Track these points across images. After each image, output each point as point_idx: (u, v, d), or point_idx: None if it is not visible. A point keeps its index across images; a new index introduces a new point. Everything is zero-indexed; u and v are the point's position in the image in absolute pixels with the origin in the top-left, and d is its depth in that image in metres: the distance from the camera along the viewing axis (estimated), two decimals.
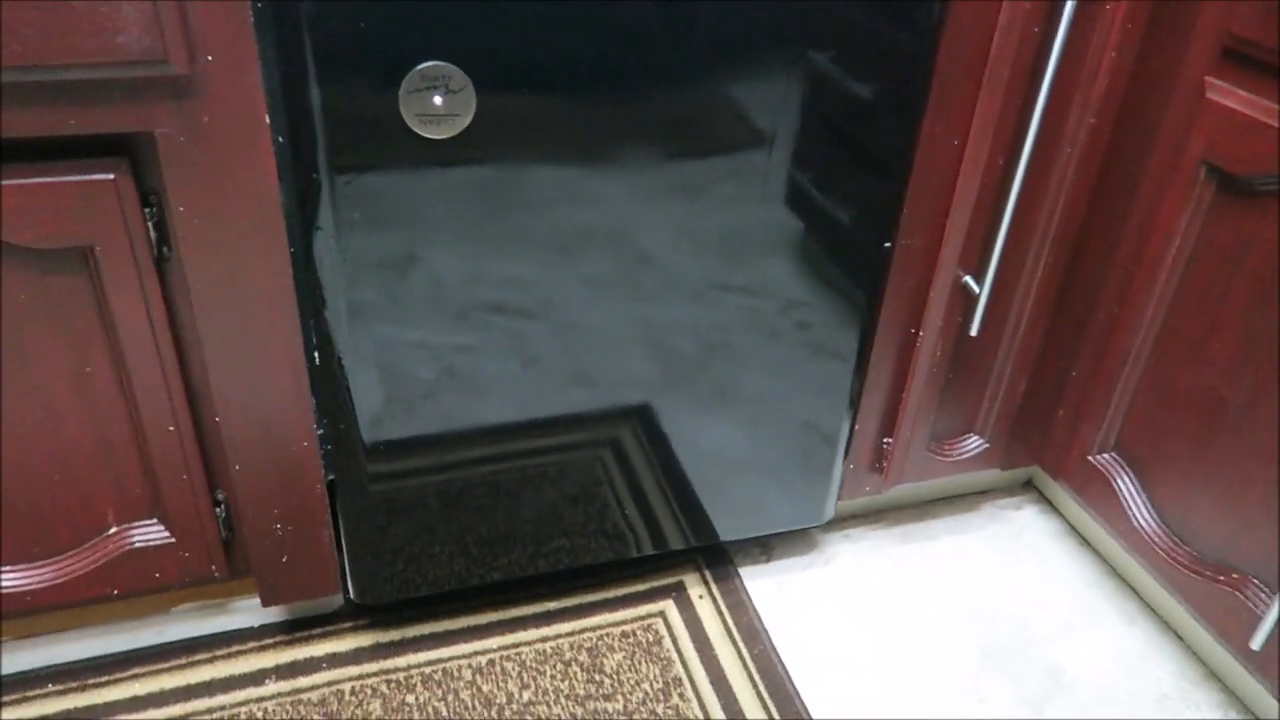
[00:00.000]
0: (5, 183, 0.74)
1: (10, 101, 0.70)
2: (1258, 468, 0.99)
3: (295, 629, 1.12)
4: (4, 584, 0.93)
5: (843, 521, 1.34)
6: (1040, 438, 1.25)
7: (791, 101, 0.88)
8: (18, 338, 0.83)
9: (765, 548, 1.29)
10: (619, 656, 1.12)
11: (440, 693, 1.06)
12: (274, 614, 1.13)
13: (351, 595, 1.07)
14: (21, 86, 0.70)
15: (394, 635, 1.12)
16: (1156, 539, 1.12)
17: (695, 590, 1.21)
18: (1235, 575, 1.03)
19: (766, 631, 1.17)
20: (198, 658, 1.08)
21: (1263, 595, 0.99)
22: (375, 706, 1.04)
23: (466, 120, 0.79)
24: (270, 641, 1.10)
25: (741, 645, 1.14)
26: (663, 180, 0.89)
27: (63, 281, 0.81)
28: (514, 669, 1.09)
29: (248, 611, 1.13)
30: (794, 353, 1.06)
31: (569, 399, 1.02)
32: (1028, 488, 1.42)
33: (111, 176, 0.77)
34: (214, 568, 1.01)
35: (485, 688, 1.07)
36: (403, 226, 0.84)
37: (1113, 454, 1.18)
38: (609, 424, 1.06)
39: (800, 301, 1.02)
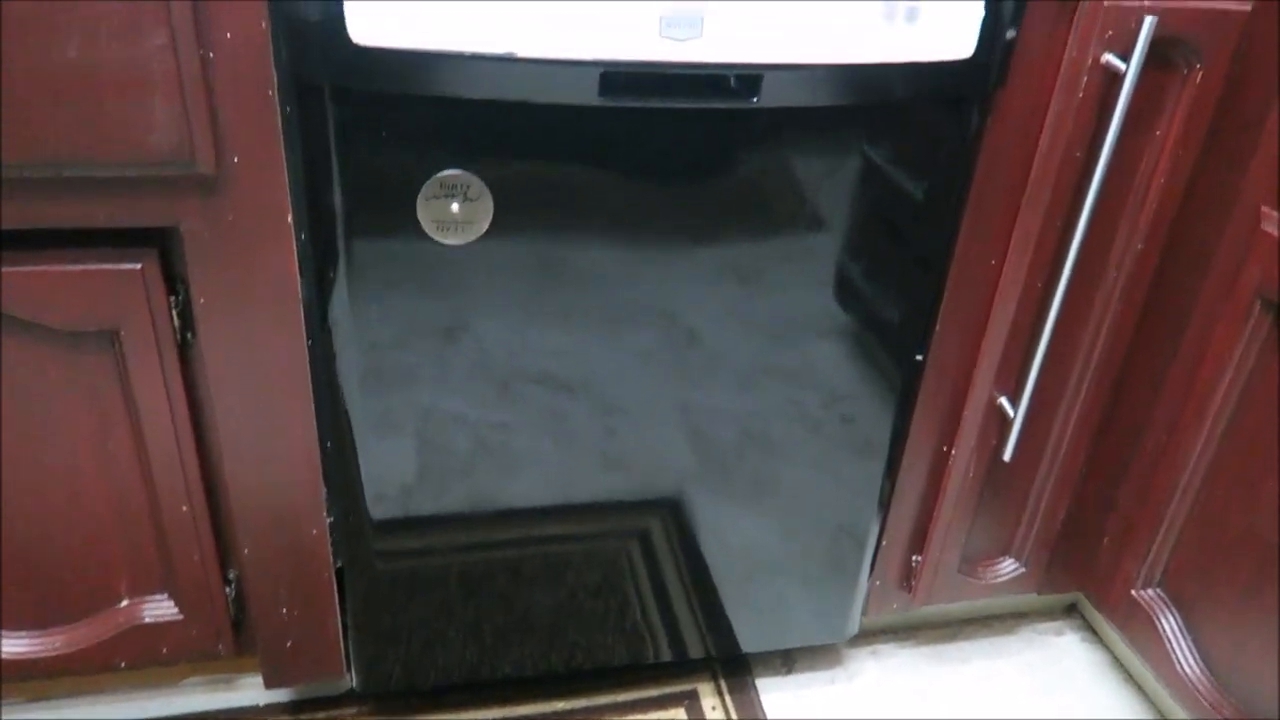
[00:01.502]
0: (37, 269, 0.77)
1: (44, 194, 0.73)
2: None
3: (300, 709, 1.11)
4: (14, 649, 0.95)
5: (871, 636, 1.29)
6: (1083, 564, 1.19)
7: (838, 194, 0.87)
8: (45, 409, 0.85)
9: (786, 659, 1.25)
10: None
11: None
12: (280, 693, 1.12)
13: (353, 685, 1.05)
14: (55, 181, 0.72)
15: None
16: (1200, 686, 1.04)
17: (709, 700, 1.17)
18: None
19: None
20: None
21: None
22: None
23: (484, 226, 0.79)
24: None
25: None
26: (713, 263, 0.88)
27: (90, 360, 0.83)
28: None
29: (254, 688, 1.12)
30: (834, 450, 1.03)
31: (601, 484, 1.00)
32: (1070, 612, 1.35)
33: (139, 266, 0.79)
34: (221, 646, 1.01)
35: None
36: (417, 323, 0.84)
37: (1158, 589, 1.11)
38: (639, 513, 1.04)
39: (845, 395, 0.99)
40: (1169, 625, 1.09)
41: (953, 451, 1.06)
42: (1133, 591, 1.13)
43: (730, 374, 0.95)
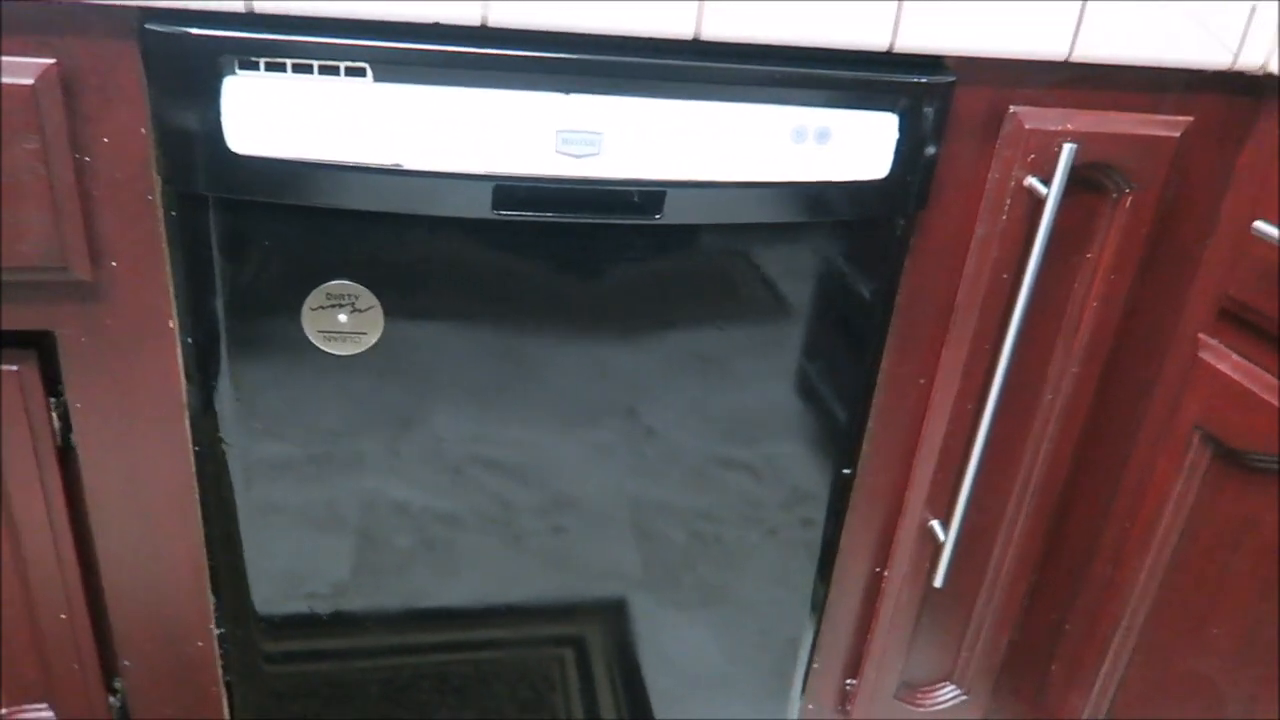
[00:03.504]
0: None
1: None
2: None
3: None
4: None
5: None
6: (1031, 694, 1.13)
7: (759, 310, 0.84)
8: None
9: None
10: None
11: None
12: None
13: None
14: None
15: None
16: None
17: None
18: None
19: None
20: None
21: None
22: None
23: (374, 338, 0.76)
24: None
25: None
26: (618, 382, 0.85)
27: None
28: None
29: None
30: (780, 557, 0.98)
31: (541, 585, 0.96)
32: None
33: (15, 369, 0.76)
34: None
35: None
36: (305, 434, 0.81)
37: None
38: (578, 619, 0.99)
39: (778, 503, 0.95)
40: None
41: (886, 573, 1.01)
42: None
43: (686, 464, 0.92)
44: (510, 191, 0.72)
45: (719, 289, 0.82)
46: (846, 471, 0.96)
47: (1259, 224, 0.77)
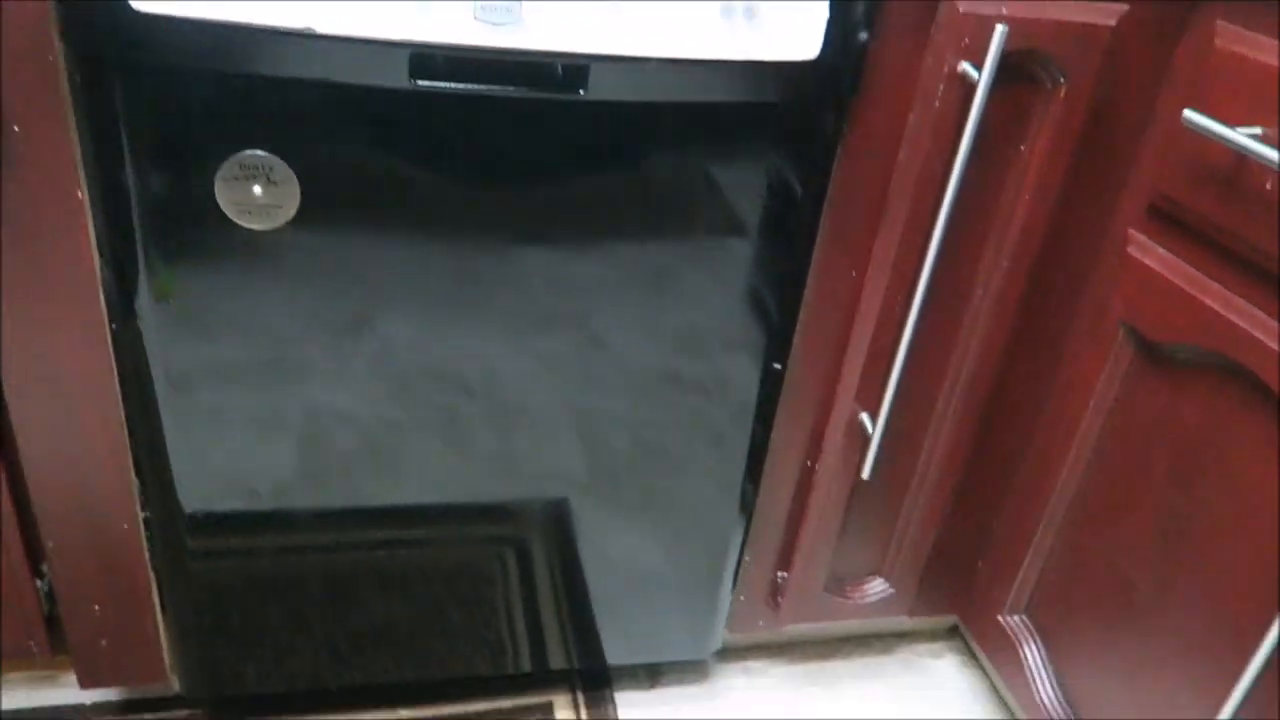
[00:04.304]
0: None
1: None
2: (1164, 665, 0.89)
3: (128, 710, 1.06)
4: None
5: (744, 653, 1.25)
6: (958, 588, 1.17)
7: (689, 196, 0.83)
8: None
9: (653, 674, 1.21)
10: None
11: None
12: (109, 693, 1.07)
13: (178, 687, 1.01)
14: None
15: None
16: (1055, 716, 1.02)
17: (563, 714, 1.13)
18: None
19: None
20: None
21: None
22: None
23: (290, 213, 0.74)
24: None
25: None
26: (537, 262, 0.84)
27: None
28: None
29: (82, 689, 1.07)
30: (715, 456, 0.99)
31: (486, 488, 0.96)
32: (952, 634, 1.32)
33: None
34: (33, 643, 0.96)
35: None
36: (225, 312, 0.79)
37: (1024, 617, 1.09)
38: (521, 520, 1.00)
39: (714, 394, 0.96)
40: (1031, 654, 1.06)
41: (816, 467, 1.02)
42: (1000, 617, 1.10)
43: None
44: (427, 60, 0.70)
45: (650, 177, 0.81)
46: (777, 366, 0.96)
47: (1188, 112, 0.77)
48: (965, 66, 0.79)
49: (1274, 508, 0.77)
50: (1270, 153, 0.71)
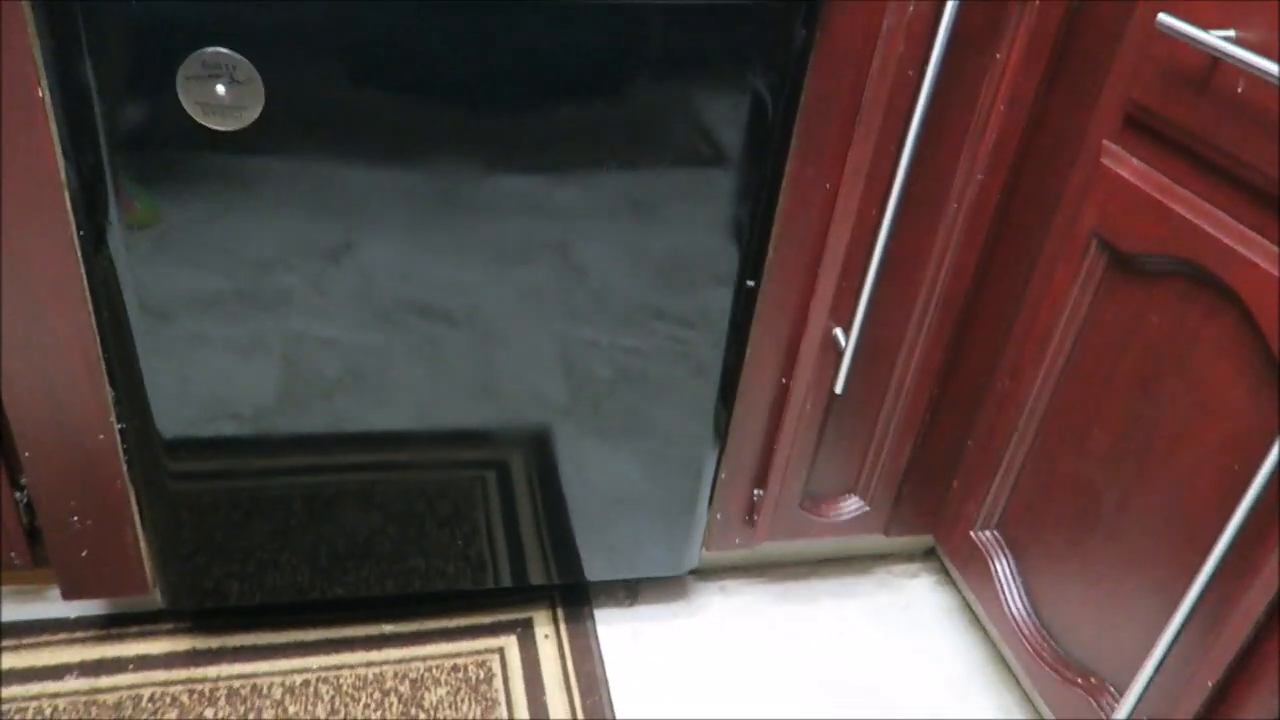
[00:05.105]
0: None
1: None
2: (1125, 571, 0.91)
3: (112, 624, 1.08)
4: None
5: (722, 572, 1.27)
6: (932, 506, 1.18)
7: (656, 104, 0.82)
8: None
9: (631, 592, 1.23)
10: (442, 691, 1.06)
11: (243, 710, 1.01)
12: (94, 606, 1.09)
13: (160, 600, 1.02)
14: None
15: (212, 643, 1.07)
16: (1025, 630, 1.04)
17: (543, 629, 1.15)
18: (1094, 680, 0.95)
19: (607, 682, 1.10)
20: (2, 644, 1.04)
21: (1115, 707, 0.91)
22: (171, 716, 0.99)
23: (254, 114, 0.74)
24: (82, 636, 1.06)
25: (576, 695, 1.08)
26: (506, 180, 0.84)
27: None
28: (328, 692, 1.04)
29: (66, 601, 1.08)
30: (691, 376, 1.00)
31: (468, 413, 0.97)
32: (929, 555, 1.35)
33: None
34: (14, 555, 0.97)
35: (292, 709, 1.02)
36: (194, 217, 0.79)
37: (995, 531, 1.10)
38: (502, 443, 1.01)
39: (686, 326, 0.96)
40: (1001, 567, 1.08)
41: (791, 384, 1.03)
42: (971, 533, 1.11)
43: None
44: None
45: (626, 95, 0.80)
46: (750, 283, 0.96)
47: (1162, 16, 0.76)
48: None
49: (1231, 411, 0.78)
50: (1243, 54, 0.71)
